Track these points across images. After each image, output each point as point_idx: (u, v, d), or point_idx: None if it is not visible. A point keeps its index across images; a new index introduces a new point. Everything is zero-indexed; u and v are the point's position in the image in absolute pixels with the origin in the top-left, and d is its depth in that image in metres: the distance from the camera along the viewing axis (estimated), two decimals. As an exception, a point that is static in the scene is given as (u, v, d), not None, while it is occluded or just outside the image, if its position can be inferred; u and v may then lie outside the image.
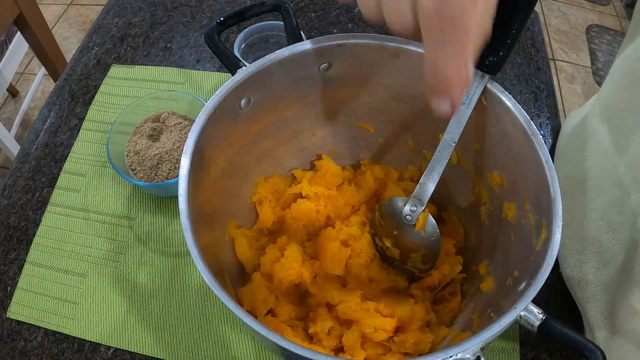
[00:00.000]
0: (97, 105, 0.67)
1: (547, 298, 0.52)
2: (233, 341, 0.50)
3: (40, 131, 0.66)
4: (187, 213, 0.35)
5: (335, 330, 0.45)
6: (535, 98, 0.67)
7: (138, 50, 0.73)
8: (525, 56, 0.72)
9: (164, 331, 0.50)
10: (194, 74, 0.69)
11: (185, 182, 0.36)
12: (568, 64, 1.79)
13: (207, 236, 0.41)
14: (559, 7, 1.98)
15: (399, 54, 0.43)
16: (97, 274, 0.54)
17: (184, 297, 0.52)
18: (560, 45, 1.85)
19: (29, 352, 0.50)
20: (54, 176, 0.62)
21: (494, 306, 0.38)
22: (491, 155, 0.44)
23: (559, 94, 1.71)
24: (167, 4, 0.78)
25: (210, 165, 0.42)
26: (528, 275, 0.34)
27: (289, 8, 0.46)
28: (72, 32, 1.85)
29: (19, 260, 0.56)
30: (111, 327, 0.51)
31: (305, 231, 0.51)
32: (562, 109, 1.66)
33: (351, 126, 0.53)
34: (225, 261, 0.47)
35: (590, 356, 0.30)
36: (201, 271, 0.33)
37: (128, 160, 0.56)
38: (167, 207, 0.58)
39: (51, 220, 0.58)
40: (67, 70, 0.72)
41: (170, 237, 0.56)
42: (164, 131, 0.58)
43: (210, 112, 0.39)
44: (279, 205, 0.52)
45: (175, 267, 0.54)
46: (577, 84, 1.74)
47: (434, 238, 0.45)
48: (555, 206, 0.35)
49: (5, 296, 0.53)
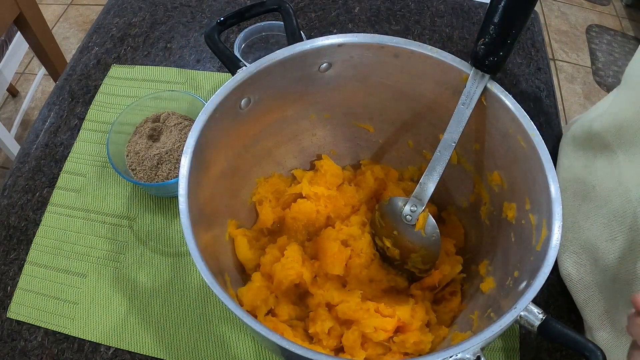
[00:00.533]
0: (97, 105, 0.67)
1: (547, 298, 0.52)
2: (233, 341, 0.50)
3: (41, 131, 0.66)
4: (187, 213, 0.35)
5: (335, 330, 0.44)
6: (535, 98, 0.67)
7: (138, 50, 0.73)
8: (525, 56, 0.72)
9: (164, 331, 0.50)
10: (194, 74, 0.69)
11: (185, 182, 0.37)
12: (568, 64, 1.79)
13: (207, 236, 0.41)
14: (559, 7, 1.98)
15: (399, 54, 0.43)
16: (97, 274, 0.54)
17: (184, 297, 0.52)
18: (560, 45, 1.85)
19: (29, 352, 0.50)
20: (54, 176, 0.62)
21: (494, 306, 0.38)
22: (491, 155, 0.44)
23: (559, 94, 1.71)
24: (167, 4, 0.78)
25: (210, 165, 0.42)
26: (528, 275, 0.34)
27: (289, 8, 0.46)
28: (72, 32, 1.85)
29: (19, 260, 0.56)
30: (111, 327, 0.51)
31: (305, 231, 0.51)
32: (562, 109, 1.66)
33: (351, 126, 0.53)
34: (225, 261, 0.47)
35: (590, 356, 0.30)
36: (201, 271, 0.33)
37: (128, 160, 0.56)
38: (167, 207, 0.58)
39: (51, 220, 0.58)
40: (67, 70, 0.72)
41: (170, 237, 0.56)
42: (164, 131, 0.58)
43: (210, 112, 0.39)
44: (279, 205, 0.52)
45: (175, 267, 0.54)
46: (577, 84, 1.74)
47: (434, 238, 0.45)
48: (555, 206, 0.35)
49: (5, 296, 0.53)
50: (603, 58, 1.81)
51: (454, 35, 0.74)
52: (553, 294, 0.52)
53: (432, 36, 0.74)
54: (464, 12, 0.77)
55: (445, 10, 0.77)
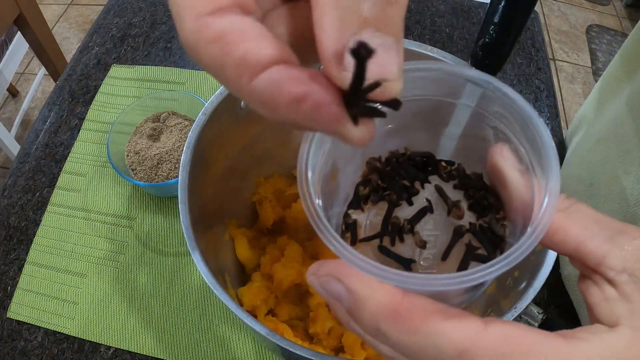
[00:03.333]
0: (97, 105, 0.67)
1: (547, 298, 0.52)
2: (233, 341, 0.50)
3: (41, 131, 0.66)
4: (187, 213, 0.35)
5: (335, 330, 0.45)
6: (536, 98, 0.67)
7: (138, 50, 0.73)
8: (525, 56, 0.72)
9: (164, 331, 0.50)
10: (194, 74, 0.69)
11: (185, 182, 0.37)
12: (568, 64, 1.79)
13: (207, 236, 0.41)
14: (559, 7, 1.98)
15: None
16: (97, 274, 0.54)
17: (184, 297, 0.52)
18: (561, 45, 1.85)
19: (29, 352, 0.50)
20: (54, 176, 0.62)
21: (494, 306, 0.38)
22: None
23: (559, 94, 1.71)
24: (167, 4, 0.78)
25: (210, 165, 0.42)
26: (528, 275, 0.34)
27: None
28: (72, 32, 1.85)
29: (19, 260, 0.56)
30: (111, 327, 0.51)
31: (305, 231, 0.51)
32: (562, 109, 1.66)
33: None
34: (225, 261, 0.47)
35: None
36: (201, 271, 0.33)
37: (128, 160, 0.56)
38: (167, 207, 0.58)
39: (51, 220, 0.58)
40: (67, 70, 0.72)
41: (170, 237, 0.56)
42: (164, 131, 0.58)
43: (210, 112, 0.39)
44: (279, 205, 0.52)
45: (175, 267, 0.54)
46: (577, 84, 1.74)
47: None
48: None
49: (6, 296, 0.53)
50: (603, 58, 1.81)
51: (454, 35, 0.74)
52: (553, 294, 0.52)
53: (432, 36, 0.74)
54: (464, 12, 0.77)
55: (445, 10, 0.77)
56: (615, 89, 0.49)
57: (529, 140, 0.20)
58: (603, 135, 0.49)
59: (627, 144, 0.44)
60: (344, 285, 0.18)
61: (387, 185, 0.22)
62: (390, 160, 0.23)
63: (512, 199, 0.20)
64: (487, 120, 0.23)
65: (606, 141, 0.48)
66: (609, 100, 0.50)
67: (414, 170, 0.23)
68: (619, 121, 0.46)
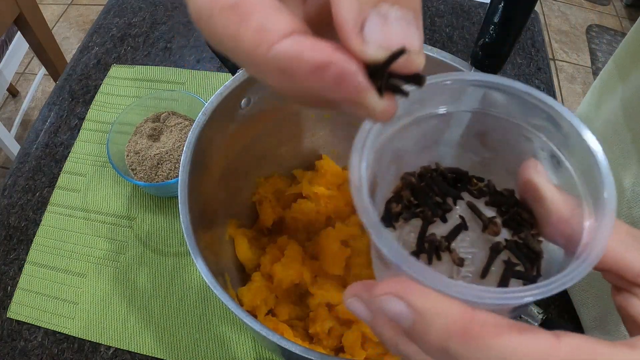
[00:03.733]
0: (97, 105, 0.67)
1: (547, 298, 0.52)
2: (233, 341, 0.50)
3: (41, 131, 0.66)
4: (187, 213, 0.35)
5: (335, 330, 0.45)
6: (535, 98, 0.67)
7: (138, 50, 0.73)
8: (525, 56, 0.72)
9: (164, 331, 0.50)
10: (194, 74, 0.69)
11: (185, 182, 0.36)
12: (568, 64, 1.79)
13: (207, 236, 0.41)
14: (559, 7, 1.98)
15: (399, 54, 0.43)
16: (97, 274, 0.54)
17: (184, 297, 0.52)
18: (561, 45, 1.85)
19: (29, 352, 0.50)
20: (54, 176, 0.62)
21: (494, 306, 0.38)
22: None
23: (559, 94, 1.71)
24: (167, 4, 0.78)
25: (210, 165, 0.42)
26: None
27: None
28: (72, 32, 1.85)
29: (19, 260, 0.56)
30: (111, 327, 0.51)
31: (305, 231, 0.51)
32: (562, 109, 1.66)
33: (351, 126, 0.53)
34: (225, 261, 0.47)
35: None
36: (201, 271, 0.33)
37: (128, 160, 0.56)
38: (167, 207, 0.58)
39: (51, 220, 0.58)
40: (67, 70, 0.72)
41: (170, 237, 0.56)
42: (164, 131, 0.58)
43: (210, 112, 0.39)
44: (279, 205, 0.52)
45: (175, 267, 0.54)
46: (577, 84, 1.74)
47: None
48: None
49: (6, 296, 0.53)
50: (603, 58, 1.81)
51: (454, 35, 0.74)
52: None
53: (432, 36, 0.74)
54: (464, 12, 0.77)
55: (445, 10, 0.77)
56: (612, 89, 0.49)
57: (574, 155, 0.20)
58: (602, 136, 0.49)
59: (624, 145, 0.44)
60: (408, 303, 0.16)
61: (420, 202, 0.22)
62: (424, 176, 0.22)
63: (549, 215, 0.20)
64: (523, 130, 0.22)
65: (605, 141, 0.48)
66: (606, 100, 0.50)
67: (447, 186, 0.22)
68: (616, 122, 0.46)
